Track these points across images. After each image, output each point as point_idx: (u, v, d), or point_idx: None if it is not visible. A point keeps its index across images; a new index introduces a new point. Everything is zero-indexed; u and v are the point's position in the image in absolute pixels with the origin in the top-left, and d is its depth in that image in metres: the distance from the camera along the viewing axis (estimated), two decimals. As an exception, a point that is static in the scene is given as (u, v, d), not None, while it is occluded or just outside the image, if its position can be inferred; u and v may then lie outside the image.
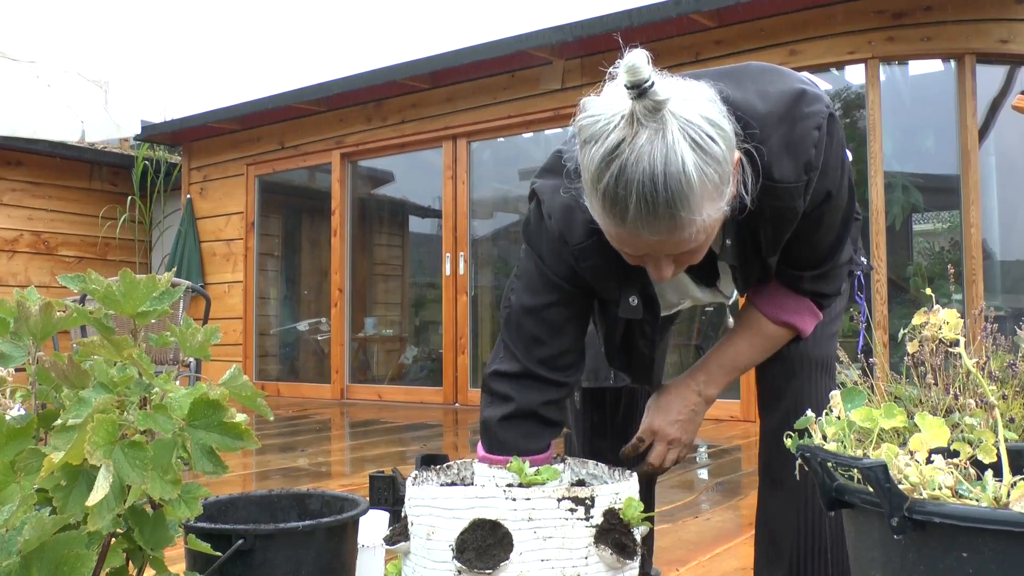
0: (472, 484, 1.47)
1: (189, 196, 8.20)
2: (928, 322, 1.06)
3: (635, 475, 1.32)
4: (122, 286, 1.01)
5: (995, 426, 0.96)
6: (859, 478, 0.93)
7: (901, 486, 0.86)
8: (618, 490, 1.24)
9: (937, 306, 1.05)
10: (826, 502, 0.96)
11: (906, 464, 0.89)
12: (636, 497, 1.25)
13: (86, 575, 0.86)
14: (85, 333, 4.14)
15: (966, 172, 4.87)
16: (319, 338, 7.77)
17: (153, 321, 1.05)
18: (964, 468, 0.94)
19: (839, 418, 1.01)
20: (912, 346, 1.19)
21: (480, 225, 6.91)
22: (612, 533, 1.21)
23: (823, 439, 1.01)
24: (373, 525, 1.75)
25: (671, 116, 1.06)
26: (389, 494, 2.02)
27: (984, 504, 0.85)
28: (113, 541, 0.98)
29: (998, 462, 0.92)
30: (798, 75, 1.29)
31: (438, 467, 1.48)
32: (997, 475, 0.90)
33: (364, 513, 1.55)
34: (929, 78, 5.33)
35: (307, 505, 1.64)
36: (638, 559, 1.24)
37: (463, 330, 6.59)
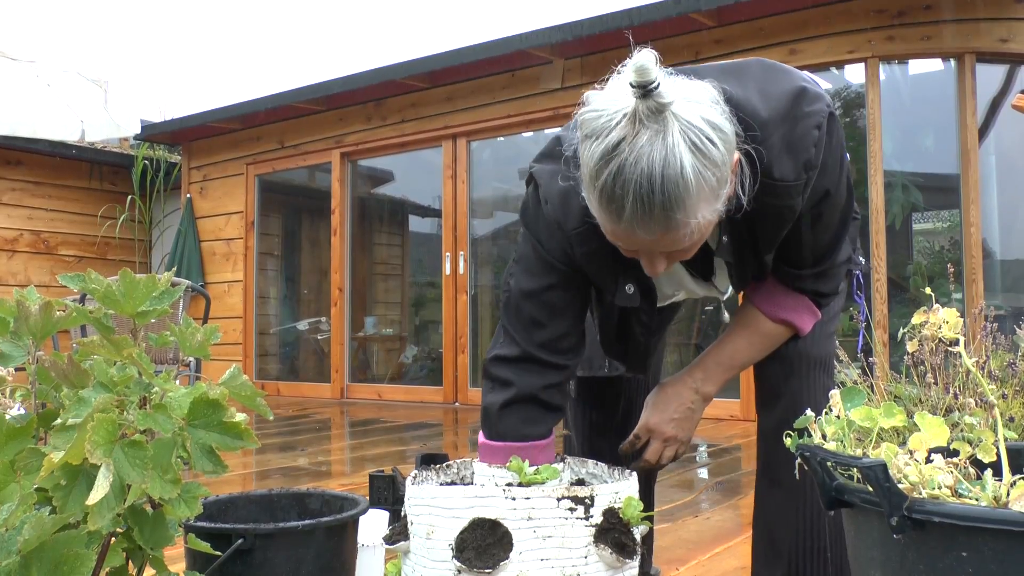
0: (472, 483, 1.47)
1: (189, 195, 8.20)
2: (928, 321, 1.06)
3: (634, 474, 1.32)
4: (122, 286, 1.01)
5: (995, 425, 0.96)
6: (859, 477, 0.93)
7: (901, 485, 0.86)
8: (617, 489, 1.24)
9: (937, 305, 1.05)
10: (826, 501, 0.96)
11: (905, 463, 0.89)
12: (636, 496, 1.25)
13: (86, 574, 0.86)
14: (85, 333, 4.14)
15: (966, 171, 4.87)
16: (319, 337, 7.77)
17: (153, 321, 1.05)
18: (964, 467, 0.94)
19: (839, 417, 1.01)
20: (912, 345, 1.19)
21: (480, 224, 6.90)
22: (612, 532, 1.21)
23: (823, 438, 1.01)
24: (373, 524, 1.75)
25: (673, 118, 1.06)
26: (389, 493, 2.02)
27: (984, 503, 0.85)
28: (113, 540, 0.98)
29: (998, 461, 0.92)
30: (800, 73, 1.30)
31: (438, 466, 1.48)
32: (997, 474, 0.90)
33: (364, 512, 1.55)
34: (929, 77, 5.33)
35: (307, 504, 1.64)
36: (638, 558, 1.24)
37: (463, 329, 6.59)
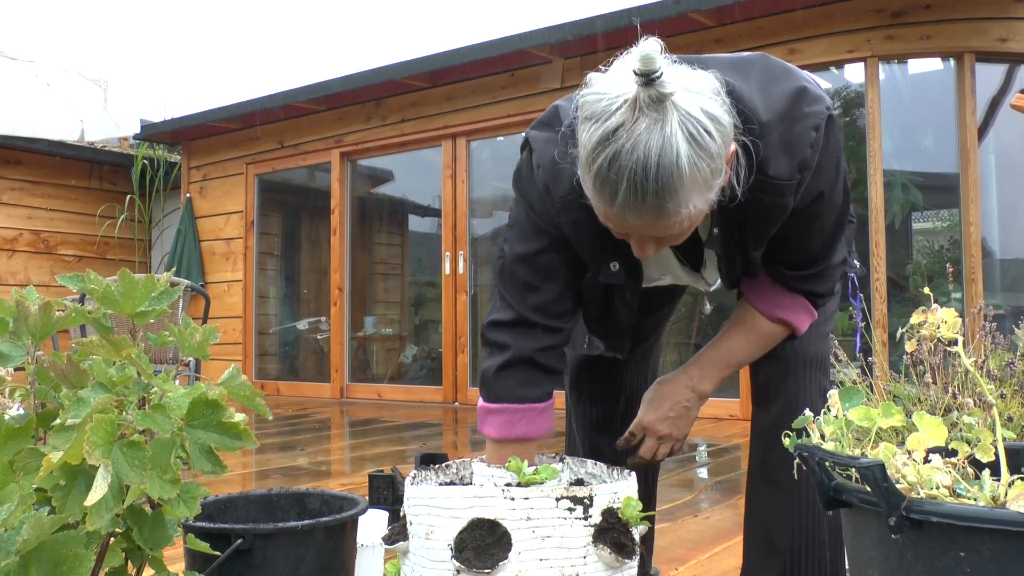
0: (471, 483, 1.47)
1: (189, 195, 8.20)
2: (926, 321, 1.06)
3: (634, 474, 1.32)
4: (121, 286, 1.01)
5: (993, 425, 0.96)
6: (857, 477, 0.93)
7: (899, 485, 0.86)
8: (616, 489, 1.24)
9: (935, 305, 1.05)
10: (824, 501, 0.96)
11: (904, 463, 0.89)
12: (635, 496, 1.25)
13: (85, 574, 0.87)
14: (84, 333, 4.14)
15: (965, 170, 4.87)
16: (319, 337, 7.77)
17: (152, 321, 1.05)
18: (962, 467, 0.94)
19: (837, 417, 1.01)
20: (910, 345, 1.20)
21: (480, 224, 6.90)
22: (611, 532, 1.21)
23: (821, 438, 1.02)
24: (372, 524, 1.75)
25: (673, 108, 1.07)
26: (388, 493, 2.02)
27: (982, 503, 0.85)
28: (112, 541, 0.98)
29: (996, 461, 0.92)
30: (804, 74, 1.30)
31: (437, 466, 1.48)
32: (995, 474, 0.90)
33: (363, 512, 1.55)
34: (928, 77, 5.34)
35: (306, 504, 1.64)
36: (637, 558, 1.24)
37: (463, 329, 6.59)
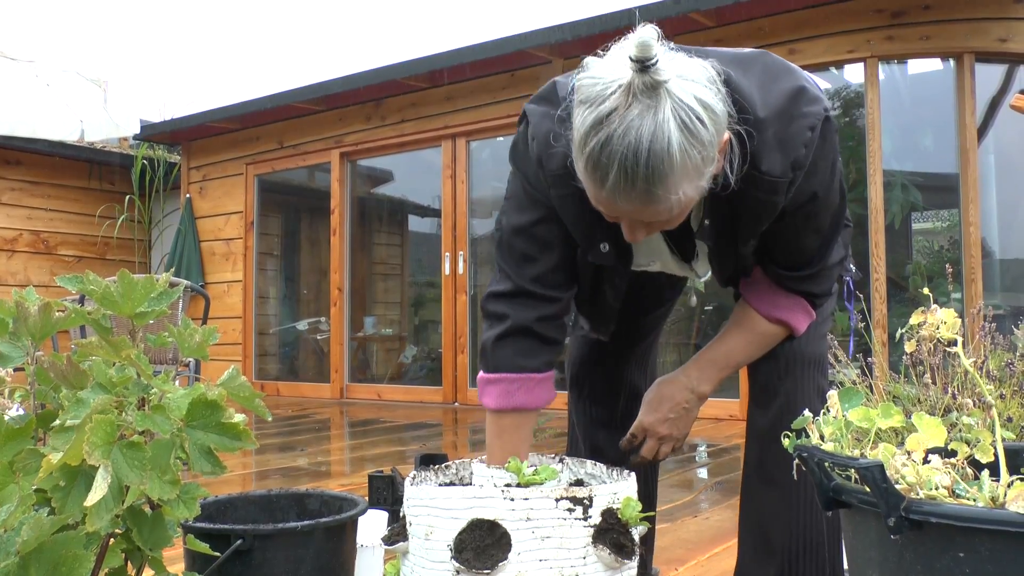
0: (471, 484, 1.47)
1: (188, 195, 8.20)
2: (926, 321, 1.06)
3: (633, 475, 1.32)
4: (120, 287, 1.01)
5: (992, 425, 0.96)
6: (856, 478, 0.93)
7: (898, 486, 0.86)
8: (616, 490, 1.24)
9: (935, 306, 1.05)
10: (823, 502, 0.96)
11: (903, 464, 0.89)
12: (634, 497, 1.25)
13: (84, 575, 0.87)
14: (84, 333, 4.14)
15: (965, 171, 4.87)
16: (318, 337, 7.77)
17: (152, 321, 1.05)
18: (961, 468, 0.94)
19: (836, 417, 1.01)
20: (910, 345, 1.19)
21: (479, 224, 6.90)
22: (610, 533, 1.21)
23: (820, 438, 1.02)
24: (372, 525, 1.75)
25: (667, 95, 1.08)
26: (388, 494, 2.02)
27: (981, 504, 0.85)
28: (112, 541, 0.98)
29: (995, 462, 0.92)
30: (804, 74, 1.30)
31: (437, 467, 1.48)
32: (994, 475, 0.90)
33: (363, 513, 1.55)
34: (928, 77, 5.34)
35: (306, 505, 1.64)
36: (636, 559, 1.24)
37: (462, 329, 6.59)
